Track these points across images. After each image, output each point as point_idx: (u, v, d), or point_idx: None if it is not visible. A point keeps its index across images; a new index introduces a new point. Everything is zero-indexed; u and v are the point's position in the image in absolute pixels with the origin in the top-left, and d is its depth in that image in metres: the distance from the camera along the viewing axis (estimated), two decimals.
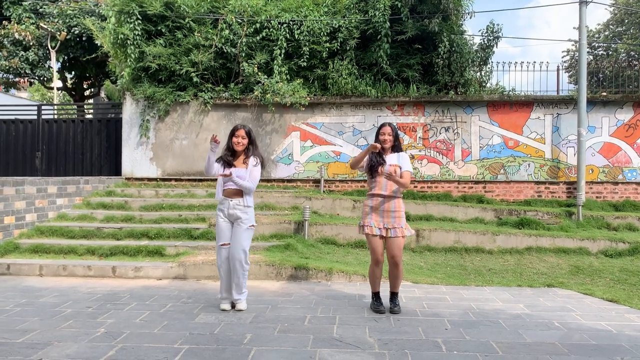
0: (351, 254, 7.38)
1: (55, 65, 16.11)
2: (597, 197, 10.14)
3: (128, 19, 10.20)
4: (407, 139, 10.33)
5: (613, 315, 4.64)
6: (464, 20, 10.56)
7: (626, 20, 23.22)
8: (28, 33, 15.30)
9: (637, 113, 10.21)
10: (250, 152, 4.63)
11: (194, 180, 10.50)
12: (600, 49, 24.02)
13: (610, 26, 24.38)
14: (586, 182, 9.99)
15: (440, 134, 10.36)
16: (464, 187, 10.29)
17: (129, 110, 10.70)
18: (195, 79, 10.30)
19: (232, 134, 4.61)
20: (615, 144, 10.24)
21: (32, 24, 15.60)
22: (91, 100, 19.29)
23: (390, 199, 4.53)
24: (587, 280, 6.45)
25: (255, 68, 10.10)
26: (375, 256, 4.56)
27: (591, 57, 21.79)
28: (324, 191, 10.15)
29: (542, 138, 10.27)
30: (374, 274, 4.67)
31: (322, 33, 10.14)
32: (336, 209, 9.05)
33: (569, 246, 7.74)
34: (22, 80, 19.18)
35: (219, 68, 10.50)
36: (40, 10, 15.75)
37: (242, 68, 10.25)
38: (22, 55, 15.92)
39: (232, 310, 4.66)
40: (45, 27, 15.06)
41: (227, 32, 10.18)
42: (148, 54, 10.19)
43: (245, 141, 4.59)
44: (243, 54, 10.32)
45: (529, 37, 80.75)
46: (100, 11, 13.95)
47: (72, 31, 15.29)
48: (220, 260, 4.67)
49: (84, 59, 16.04)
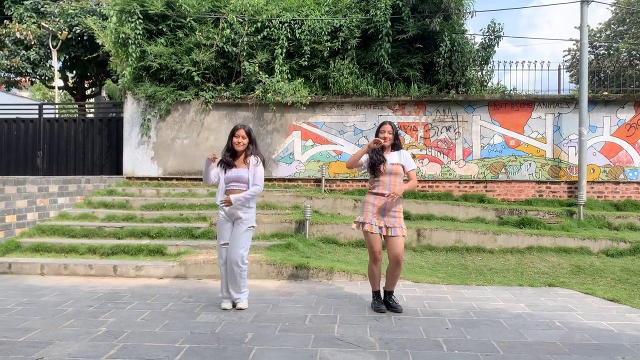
0: (352, 253, 7.39)
1: (56, 64, 16.13)
2: (598, 197, 10.13)
3: (129, 18, 10.22)
4: (408, 139, 10.33)
5: (614, 315, 4.63)
6: (465, 19, 10.55)
7: (627, 20, 23.18)
8: (29, 32, 15.31)
9: (638, 112, 10.19)
10: (250, 151, 4.63)
11: (195, 179, 10.51)
12: (601, 48, 23.99)
13: (612, 25, 24.34)
14: (587, 181, 9.98)
15: (441, 133, 10.36)
16: (465, 187, 10.29)
17: (130, 110, 10.71)
18: (196, 78, 10.30)
19: (232, 134, 4.61)
20: (617, 143, 10.23)
21: (34, 23, 15.61)
22: (92, 100, 19.31)
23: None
24: (588, 279, 6.45)
25: (257, 67, 10.11)
26: (374, 254, 4.57)
27: (592, 56, 21.76)
28: (325, 190, 10.15)
29: (544, 137, 10.26)
30: (373, 272, 4.68)
31: (323, 32, 10.14)
32: (337, 208, 9.06)
33: (570, 246, 7.74)
34: (23, 79, 19.20)
35: (220, 67, 10.50)
36: (42, 9, 15.76)
37: (243, 67, 10.26)
38: (23, 54, 15.94)
39: (233, 309, 4.67)
40: (47, 26, 15.07)
41: (228, 31, 10.18)
42: (149, 53, 10.20)
43: (246, 141, 4.60)
44: (244, 53, 10.32)
45: (530, 36, 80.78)
46: (102, 10, 13.96)
47: (73, 30, 15.31)
48: (221, 259, 4.67)
49: (85, 58, 16.07)
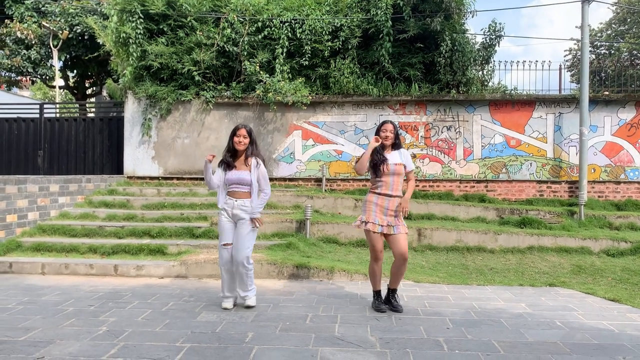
0: (353, 252, 7.39)
1: (57, 63, 16.14)
2: (599, 197, 10.12)
3: (130, 18, 10.22)
4: (409, 138, 10.33)
5: (615, 315, 4.63)
6: (466, 19, 10.53)
7: (629, 19, 23.15)
8: (30, 32, 15.32)
9: (639, 112, 10.18)
10: (250, 151, 4.63)
11: (196, 179, 10.51)
12: (602, 48, 23.95)
13: (613, 25, 24.31)
14: (588, 181, 9.97)
15: (442, 133, 10.35)
16: (466, 186, 10.28)
17: (131, 109, 10.71)
18: (197, 78, 10.30)
19: (234, 133, 4.61)
20: (618, 143, 10.22)
21: (35, 22, 15.61)
22: (93, 99, 19.32)
23: (396, 198, 4.59)
24: (589, 279, 6.45)
25: (257, 67, 10.11)
26: (376, 253, 4.58)
27: (593, 56, 21.72)
28: (325, 190, 10.15)
29: (544, 137, 10.26)
30: (374, 272, 4.68)
31: (324, 32, 10.13)
32: (338, 207, 9.05)
33: (571, 245, 7.74)
34: (24, 78, 19.23)
35: (221, 67, 10.50)
36: (43, 8, 15.77)
37: (243, 67, 10.25)
38: (24, 53, 15.95)
39: (234, 308, 4.67)
40: (48, 25, 15.08)
41: (229, 30, 10.18)
42: (150, 52, 10.20)
43: (247, 140, 4.59)
44: (245, 53, 10.32)
45: (531, 36, 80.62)
46: (103, 10, 13.96)
47: (74, 30, 15.31)
48: (222, 260, 4.66)
49: (86, 58, 16.07)
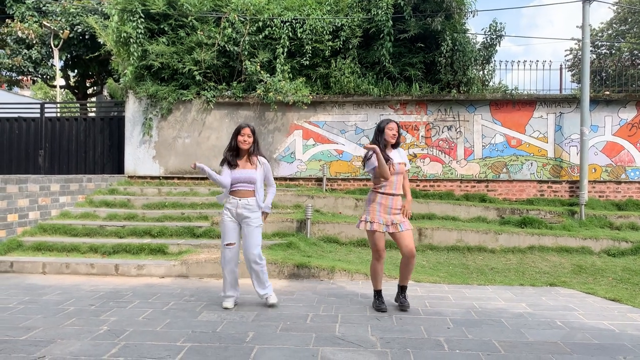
0: (353, 252, 7.39)
1: (58, 63, 16.14)
2: (599, 197, 10.12)
3: (131, 17, 10.22)
4: (409, 138, 10.32)
5: (615, 315, 4.63)
6: (467, 18, 10.52)
7: (629, 19, 23.13)
8: (31, 31, 15.33)
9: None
10: (253, 150, 4.66)
11: (197, 178, 10.52)
12: (603, 47, 23.95)
13: (614, 25, 24.29)
14: (589, 181, 9.97)
15: (442, 132, 10.35)
16: (467, 186, 10.28)
17: (132, 109, 10.71)
18: (197, 78, 10.30)
19: (238, 132, 4.61)
20: (618, 143, 10.21)
21: (35, 22, 15.62)
22: (94, 99, 19.33)
23: (399, 196, 4.63)
24: (589, 279, 6.44)
25: (258, 66, 10.11)
26: (379, 252, 4.59)
27: (594, 56, 21.72)
28: (326, 190, 10.15)
29: (545, 137, 10.25)
30: (376, 271, 4.68)
31: (324, 32, 10.13)
32: (338, 207, 9.06)
33: (572, 245, 7.73)
34: (25, 78, 19.26)
35: (222, 66, 10.50)
36: (43, 8, 15.78)
37: (244, 66, 10.25)
38: (25, 53, 15.96)
39: (235, 308, 4.67)
40: (48, 25, 15.09)
41: (229, 30, 10.18)
42: (151, 52, 10.20)
43: (251, 139, 4.62)
44: (246, 53, 10.32)
45: (532, 35, 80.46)
46: (103, 9, 13.97)
47: (75, 29, 15.32)
48: (224, 260, 4.65)
49: (86, 57, 16.08)
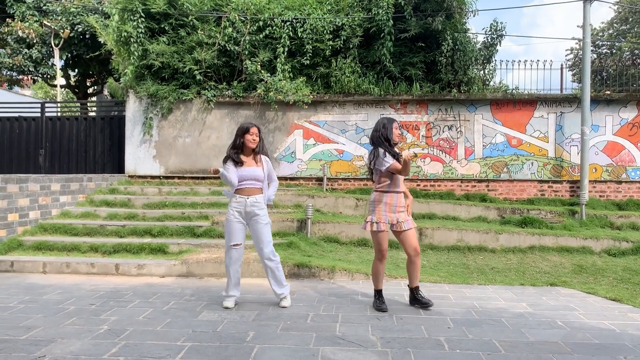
0: (354, 252, 7.38)
1: (58, 62, 16.16)
2: (600, 196, 10.11)
3: (131, 17, 10.22)
4: (410, 137, 10.32)
5: (616, 315, 4.63)
6: (468, 18, 10.51)
7: (630, 19, 23.11)
8: (32, 31, 15.34)
9: None
10: (259, 149, 4.72)
11: (197, 178, 10.52)
12: (604, 47, 23.93)
13: (615, 24, 24.27)
14: (589, 181, 9.96)
15: (443, 132, 10.34)
16: (467, 186, 10.28)
17: (132, 108, 10.71)
18: (198, 77, 10.30)
19: (246, 131, 4.61)
20: (619, 142, 10.20)
21: (36, 21, 15.64)
22: (94, 98, 19.35)
23: (401, 194, 4.63)
24: (590, 279, 6.44)
25: (258, 66, 10.10)
26: (382, 252, 4.60)
27: (595, 55, 21.71)
28: (326, 189, 10.15)
29: (546, 137, 10.25)
30: (378, 271, 4.68)
31: (325, 31, 10.12)
32: (339, 207, 9.06)
33: (572, 245, 7.73)
34: (25, 77, 19.27)
35: (222, 66, 10.50)
36: (44, 7, 15.79)
37: (245, 66, 10.25)
38: (25, 52, 15.98)
39: (235, 307, 4.67)
40: (49, 24, 15.10)
41: (230, 30, 10.18)
42: (151, 51, 10.20)
43: (258, 139, 4.67)
44: (246, 52, 10.32)
45: (532, 35, 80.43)
46: (104, 9, 13.97)
47: (75, 29, 15.34)
48: (230, 260, 4.63)
49: (87, 57, 16.10)
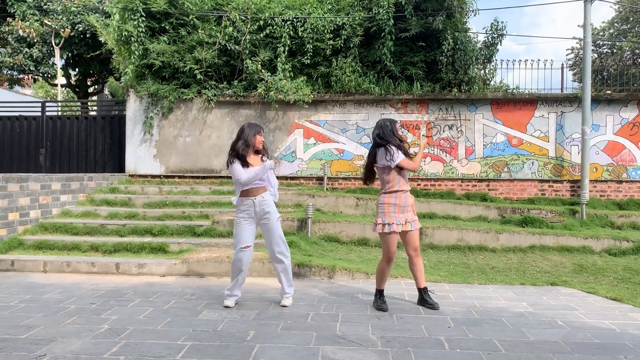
0: (354, 251, 7.39)
1: (59, 62, 16.17)
2: (601, 196, 10.11)
3: (132, 16, 10.22)
4: (410, 137, 10.31)
5: (616, 314, 4.63)
6: (468, 17, 10.49)
7: (631, 18, 23.09)
8: (32, 30, 15.34)
9: None
10: (263, 149, 4.86)
11: (198, 177, 10.52)
12: (604, 47, 23.91)
13: (615, 24, 24.25)
14: (590, 180, 9.95)
15: (443, 131, 10.34)
16: (468, 185, 10.27)
17: (133, 107, 10.71)
18: (198, 76, 10.30)
19: (257, 132, 4.73)
20: (620, 142, 10.19)
21: (36, 20, 15.64)
22: (95, 97, 19.35)
23: (408, 193, 4.63)
24: (590, 278, 6.43)
25: (259, 65, 10.10)
26: (391, 254, 4.59)
27: (596, 55, 21.69)
28: (327, 189, 10.14)
29: (546, 136, 10.24)
30: (383, 272, 4.68)
31: (325, 30, 10.12)
32: (339, 206, 9.06)
33: (573, 245, 7.73)
34: (26, 77, 19.27)
35: (223, 65, 10.49)
36: (44, 7, 15.79)
37: (245, 65, 10.25)
38: (26, 52, 15.99)
39: (236, 307, 4.68)
40: (49, 24, 15.11)
41: (230, 29, 10.17)
42: (152, 51, 10.20)
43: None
44: (247, 51, 10.31)
45: (533, 35, 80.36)
46: (104, 8, 13.98)
47: (76, 28, 15.34)
48: (240, 263, 4.61)
49: (87, 56, 16.11)
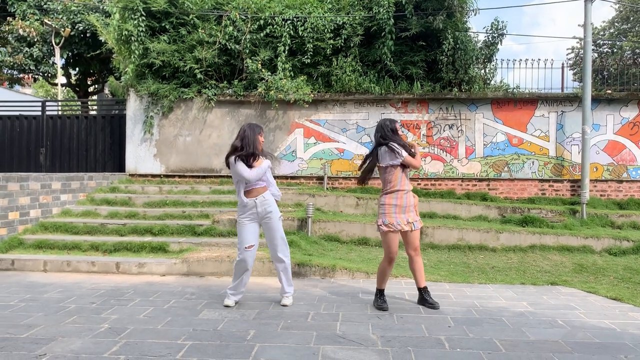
0: (354, 251, 7.39)
1: (59, 61, 16.17)
2: (601, 195, 10.10)
3: (132, 15, 10.21)
4: (410, 136, 10.31)
5: (617, 314, 4.63)
6: (469, 17, 10.49)
7: (631, 18, 23.07)
8: (32, 29, 15.34)
9: None
10: (262, 149, 4.86)
11: (198, 176, 10.52)
12: (605, 46, 23.89)
13: (616, 24, 24.23)
14: (590, 180, 9.94)
15: (444, 131, 10.33)
16: (468, 185, 10.27)
17: (133, 107, 10.71)
18: (199, 76, 10.29)
19: (259, 134, 4.72)
20: (620, 142, 10.19)
21: (37, 20, 15.64)
22: (95, 97, 19.36)
23: (410, 192, 4.62)
24: (590, 278, 6.43)
25: (259, 65, 10.09)
26: (392, 254, 4.60)
27: (596, 54, 21.69)
28: (327, 188, 10.14)
29: (547, 136, 10.23)
30: (384, 272, 4.69)
31: (326, 30, 10.11)
32: (339, 206, 9.06)
33: (573, 244, 7.72)
34: (26, 76, 19.26)
35: (223, 65, 10.49)
36: (45, 6, 15.79)
37: (245, 65, 10.24)
38: (26, 51, 15.98)
39: (236, 306, 4.68)
40: (50, 23, 15.11)
41: (231, 28, 10.17)
42: (152, 50, 10.19)
43: None
44: (247, 51, 10.31)
45: (533, 34, 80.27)
46: (105, 7, 13.98)
47: (76, 27, 15.34)
48: (243, 263, 4.62)
49: (88, 55, 16.10)
